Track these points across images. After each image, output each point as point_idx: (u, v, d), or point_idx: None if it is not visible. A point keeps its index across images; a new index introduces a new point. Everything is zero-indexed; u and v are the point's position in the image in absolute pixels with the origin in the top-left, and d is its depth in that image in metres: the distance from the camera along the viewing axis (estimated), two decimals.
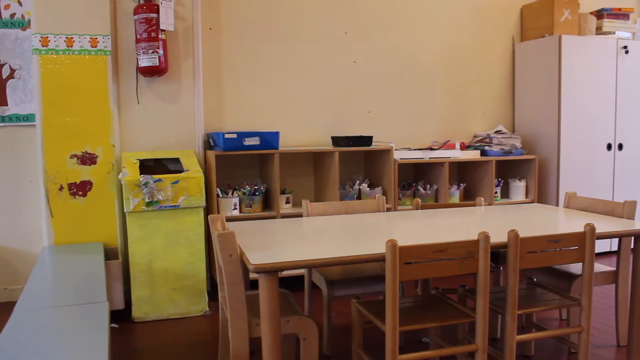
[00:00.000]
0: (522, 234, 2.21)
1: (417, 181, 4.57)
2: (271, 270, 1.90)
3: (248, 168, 4.14)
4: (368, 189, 4.13)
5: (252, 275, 3.42)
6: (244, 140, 3.68)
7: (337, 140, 4.05)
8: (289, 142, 4.26)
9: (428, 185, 4.36)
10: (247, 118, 4.14)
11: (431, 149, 4.38)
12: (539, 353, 2.89)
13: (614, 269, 2.94)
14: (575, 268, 2.96)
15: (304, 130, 4.28)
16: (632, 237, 2.73)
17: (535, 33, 4.86)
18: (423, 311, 2.29)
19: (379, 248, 2.11)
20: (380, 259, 2.02)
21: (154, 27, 3.60)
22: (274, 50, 4.17)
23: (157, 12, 3.61)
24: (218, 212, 3.74)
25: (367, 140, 4.05)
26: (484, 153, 4.53)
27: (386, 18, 4.47)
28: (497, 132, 4.68)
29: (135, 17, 3.63)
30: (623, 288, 2.96)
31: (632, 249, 2.76)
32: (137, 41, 3.64)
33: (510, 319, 2.25)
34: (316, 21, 4.26)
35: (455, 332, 3.14)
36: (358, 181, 4.24)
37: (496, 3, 4.90)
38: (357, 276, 2.76)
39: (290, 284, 4.15)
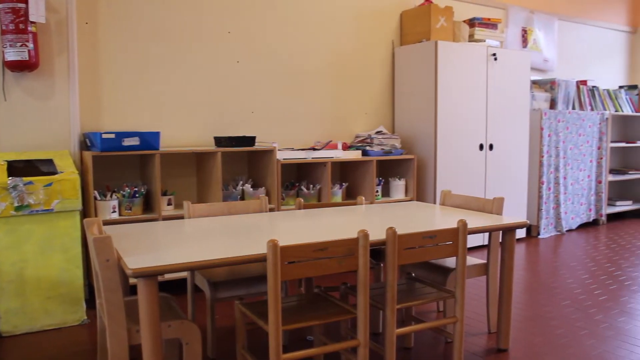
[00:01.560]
0: (400, 231, 2.29)
1: (300, 181, 4.61)
2: (150, 274, 1.85)
3: (128, 169, 4.00)
4: (251, 189, 4.12)
5: (132, 280, 3.31)
6: (123, 140, 3.54)
7: (219, 141, 4.00)
8: (170, 142, 4.16)
9: (311, 185, 4.42)
10: (126, 117, 3.99)
11: (314, 149, 4.43)
12: (418, 345, 3.01)
13: (485, 261, 3.12)
14: (451, 262, 3.11)
15: (186, 130, 4.19)
16: (500, 232, 2.90)
17: (413, 38, 5.06)
18: (306, 310, 2.31)
19: (261, 248, 2.11)
20: (262, 259, 2.02)
21: (22, 19, 3.38)
22: (155, 47, 4.06)
23: (26, 2, 3.40)
24: (96, 216, 3.58)
25: (250, 140, 4.04)
26: (365, 153, 4.65)
27: (270, 19, 4.48)
28: (377, 132, 4.82)
29: (1, 6, 3.39)
30: (493, 279, 3.14)
31: (500, 242, 2.94)
32: (3, 32, 3.40)
33: (390, 313, 2.32)
34: (199, 19, 4.19)
35: (338, 329, 3.20)
36: (241, 182, 4.22)
37: (377, 8, 5.05)
38: (242, 277, 2.74)
39: (173, 287, 4.06)
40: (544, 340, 3.05)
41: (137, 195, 3.70)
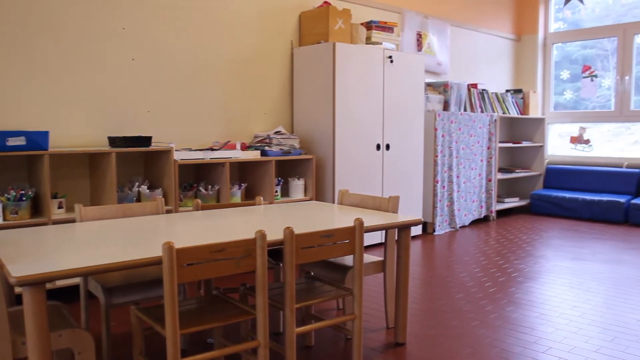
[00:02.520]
0: (298, 231, 2.30)
1: (198, 182, 4.54)
2: (36, 282, 1.75)
3: (13, 171, 3.77)
4: (148, 190, 4.01)
5: (18, 289, 3.13)
6: (7, 140, 3.34)
7: (114, 141, 3.87)
8: (61, 142, 3.96)
9: (210, 186, 4.36)
10: (10, 116, 3.76)
11: (212, 149, 4.38)
12: (319, 343, 3.04)
13: (382, 259, 3.20)
14: (349, 260, 3.16)
15: (78, 130, 4.02)
16: (396, 229, 2.98)
17: (312, 39, 5.10)
18: (205, 312, 2.28)
19: (157, 251, 2.05)
20: (158, 262, 1.97)
21: None
22: (44, 42, 3.85)
23: None
24: None
25: (146, 140, 3.93)
26: (264, 153, 4.64)
27: (167, 16, 4.37)
28: (276, 132, 4.83)
29: None
30: (390, 276, 3.23)
31: (396, 240, 3.03)
32: None
33: (289, 312, 2.33)
34: (92, 14, 4.02)
35: (239, 331, 3.18)
36: (137, 183, 4.09)
37: (276, 8, 5.05)
38: (138, 282, 2.66)
39: (66, 295, 3.88)
40: (439, 333, 3.17)
41: (24, 198, 3.51)
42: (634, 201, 6.58)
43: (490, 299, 3.78)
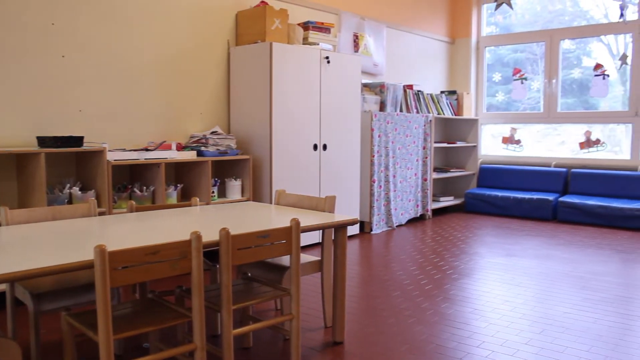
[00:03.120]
0: (235, 232, 2.28)
1: (133, 183, 4.44)
2: None
3: None
4: (80, 192, 3.89)
5: None
6: None
7: (43, 141, 3.73)
8: None
9: (145, 187, 4.27)
10: None
11: (147, 149, 4.29)
12: (257, 344, 3.02)
13: (320, 258, 3.21)
14: (287, 260, 3.16)
15: (5, 130, 3.86)
16: (333, 229, 3.00)
17: (249, 38, 5.07)
18: (140, 316, 2.23)
19: (89, 254, 2.00)
20: (90, 266, 1.91)
21: None
22: None
23: None
24: None
25: (78, 140, 3.81)
26: (200, 153, 4.59)
27: (99, 11, 4.25)
28: (213, 132, 4.77)
29: None
30: (327, 275, 3.24)
31: (333, 239, 3.04)
32: None
33: (226, 314, 2.31)
34: (18, 7, 3.87)
35: (176, 334, 3.13)
36: (68, 185, 3.96)
37: (213, 7, 4.99)
38: (69, 287, 2.57)
39: None
40: (376, 330, 3.20)
41: None
42: (561, 199, 6.84)
43: (426, 296, 3.85)
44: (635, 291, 3.98)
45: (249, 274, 2.89)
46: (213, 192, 4.66)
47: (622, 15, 4.94)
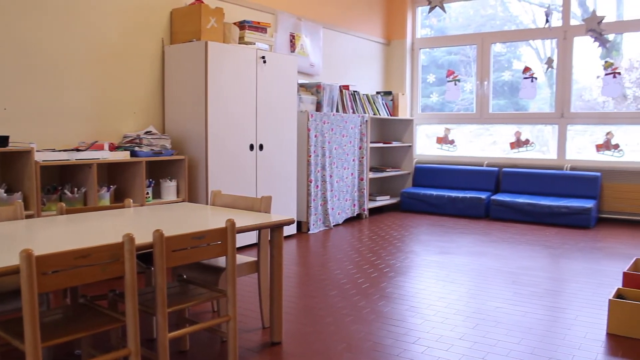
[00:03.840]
0: (169, 233, 2.24)
1: (63, 184, 4.29)
2: None
3: None
4: (5, 194, 3.73)
5: None
6: None
7: None
8: None
9: (76, 189, 4.14)
10: None
11: (78, 149, 4.16)
12: (194, 347, 2.98)
13: (256, 259, 3.20)
14: (223, 261, 3.13)
15: None
16: (269, 229, 2.99)
17: (184, 37, 4.99)
18: (71, 322, 2.16)
19: (14, 259, 1.92)
20: (16, 271, 1.84)
21: None
22: None
23: None
24: None
25: (3, 140, 3.66)
26: (134, 154, 4.48)
27: (25, 7, 4.09)
28: (147, 132, 4.68)
29: None
30: (264, 275, 3.23)
31: (270, 240, 3.03)
32: None
33: (161, 317, 2.26)
34: None
35: (109, 339, 3.05)
36: None
37: (146, 4, 4.89)
38: None
39: None
40: (314, 330, 3.21)
41: None
42: (493, 197, 7.04)
43: (363, 295, 3.89)
44: (562, 284, 4.14)
45: (185, 276, 2.85)
46: (147, 193, 4.57)
47: (547, 21, 5.14)
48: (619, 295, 3.39)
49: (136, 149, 4.50)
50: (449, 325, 3.31)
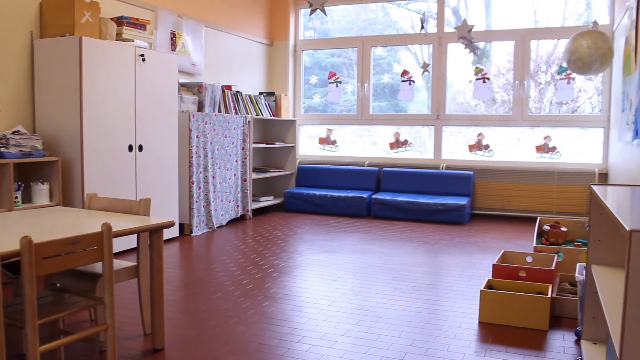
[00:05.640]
0: (40, 239, 2.11)
1: None
2: None
3: None
4: None
5: None
6: None
7: None
8: None
9: None
10: None
11: None
12: (70, 359, 2.83)
13: (136, 263, 3.09)
14: (100, 267, 2.99)
15: None
16: (149, 232, 2.90)
17: (56, 31, 4.72)
18: None
19: None
20: None
21: None
22: None
23: None
24: None
25: None
26: (0, 155, 4.18)
27: None
28: (15, 132, 4.38)
29: None
30: (144, 280, 3.13)
31: (149, 243, 2.94)
32: None
33: (31, 330, 2.13)
34: None
35: None
36: None
37: None
38: None
39: None
40: (198, 334, 3.15)
41: None
42: (374, 196, 7.25)
43: (247, 296, 3.86)
44: (439, 278, 4.33)
45: (58, 285, 2.70)
46: (16, 197, 4.28)
47: (423, 27, 5.36)
48: (489, 285, 3.61)
49: (3, 150, 4.20)
50: (332, 322, 3.37)
